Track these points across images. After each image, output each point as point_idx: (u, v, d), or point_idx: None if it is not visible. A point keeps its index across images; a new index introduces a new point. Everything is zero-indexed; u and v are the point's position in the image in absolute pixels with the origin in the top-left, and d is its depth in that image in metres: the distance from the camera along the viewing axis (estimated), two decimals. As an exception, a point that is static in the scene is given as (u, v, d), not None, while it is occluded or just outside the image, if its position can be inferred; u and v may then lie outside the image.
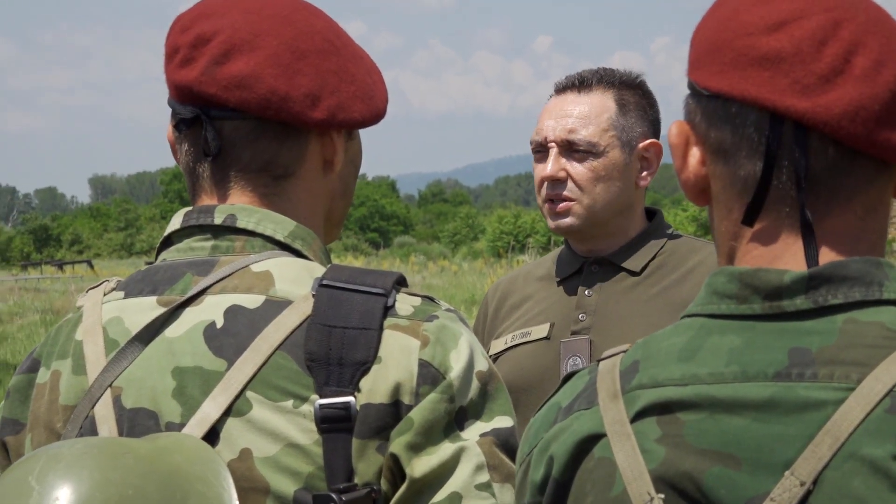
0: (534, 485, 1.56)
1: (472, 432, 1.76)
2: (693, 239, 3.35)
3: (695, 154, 1.54)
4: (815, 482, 1.38)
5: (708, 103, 1.51)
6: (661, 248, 3.25)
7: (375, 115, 1.93)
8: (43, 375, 1.90)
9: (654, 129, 3.28)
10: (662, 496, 1.44)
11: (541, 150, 3.25)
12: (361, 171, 2.09)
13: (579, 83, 3.25)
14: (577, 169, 3.18)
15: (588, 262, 3.27)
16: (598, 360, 1.58)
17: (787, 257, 1.49)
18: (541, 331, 3.24)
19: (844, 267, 1.46)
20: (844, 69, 1.45)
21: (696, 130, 1.54)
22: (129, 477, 1.63)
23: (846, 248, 1.49)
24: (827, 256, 1.48)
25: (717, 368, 1.46)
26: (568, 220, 3.20)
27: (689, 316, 1.54)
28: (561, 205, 3.20)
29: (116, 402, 1.81)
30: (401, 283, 1.82)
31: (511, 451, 1.75)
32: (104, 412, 1.80)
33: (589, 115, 3.20)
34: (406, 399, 1.74)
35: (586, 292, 3.24)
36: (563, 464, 1.53)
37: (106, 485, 1.62)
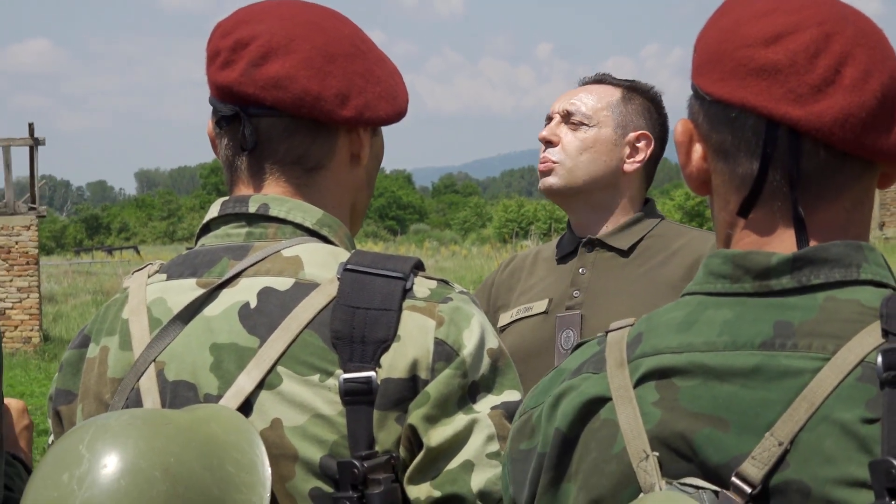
0: (545, 436, 1.55)
1: (484, 405, 1.76)
2: (679, 225, 3.37)
3: (697, 150, 1.55)
4: (791, 442, 1.39)
5: (710, 107, 1.52)
6: (650, 231, 3.26)
7: (398, 114, 1.93)
8: (93, 350, 1.90)
9: (655, 132, 3.29)
10: (657, 454, 1.45)
11: (548, 121, 3.31)
12: (382, 164, 2.09)
13: (595, 79, 3.34)
14: (569, 136, 3.22)
15: (583, 242, 3.27)
16: (607, 332, 1.59)
17: (776, 244, 1.49)
18: (540, 306, 3.25)
19: (826, 250, 1.47)
20: (835, 80, 1.45)
21: (699, 129, 1.54)
22: (171, 446, 1.63)
23: (834, 237, 1.49)
24: (811, 237, 1.49)
25: (710, 338, 1.47)
26: (550, 179, 3.23)
27: (688, 294, 1.55)
28: (545, 164, 3.24)
29: (160, 375, 1.80)
30: (418, 267, 1.81)
31: None
32: (148, 385, 1.80)
33: (592, 95, 3.26)
34: (423, 374, 1.74)
35: (580, 270, 3.24)
36: (570, 421, 1.53)
37: (149, 453, 1.61)
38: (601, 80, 3.32)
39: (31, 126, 25.00)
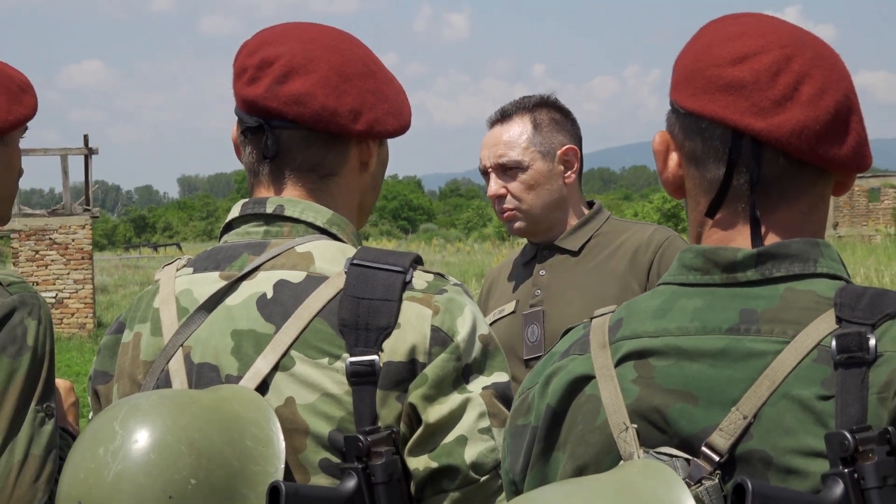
0: (537, 411, 1.55)
1: (476, 385, 1.74)
2: (622, 221, 3.40)
3: (673, 158, 1.55)
4: (755, 416, 1.39)
5: (684, 119, 1.52)
6: (597, 231, 3.29)
7: (403, 128, 1.92)
8: (127, 336, 1.88)
9: (572, 135, 3.31)
10: (636, 426, 1.45)
11: (485, 174, 3.31)
12: (394, 171, 2.09)
13: (501, 116, 3.31)
14: (512, 185, 3.24)
15: (540, 248, 3.32)
16: (591, 318, 1.58)
17: (739, 240, 1.49)
18: (510, 307, 3.30)
19: (787, 247, 1.47)
20: (793, 96, 1.46)
21: (674, 139, 1.54)
22: (195, 422, 1.62)
23: (792, 235, 1.49)
24: (772, 235, 1.50)
25: (683, 324, 1.47)
26: (516, 225, 3.27)
27: (663, 284, 1.55)
28: (506, 214, 3.27)
29: (187, 358, 1.79)
30: (417, 262, 1.80)
31: (507, 401, 1.73)
32: (177, 367, 1.78)
33: (510, 140, 3.24)
34: (421, 358, 1.72)
35: (540, 272, 3.29)
36: (559, 397, 1.53)
37: (176, 429, 1.61)
38: (507, 115, 3.29)
39: (85, 137, 25.04)
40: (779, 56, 1.47)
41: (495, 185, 3.25)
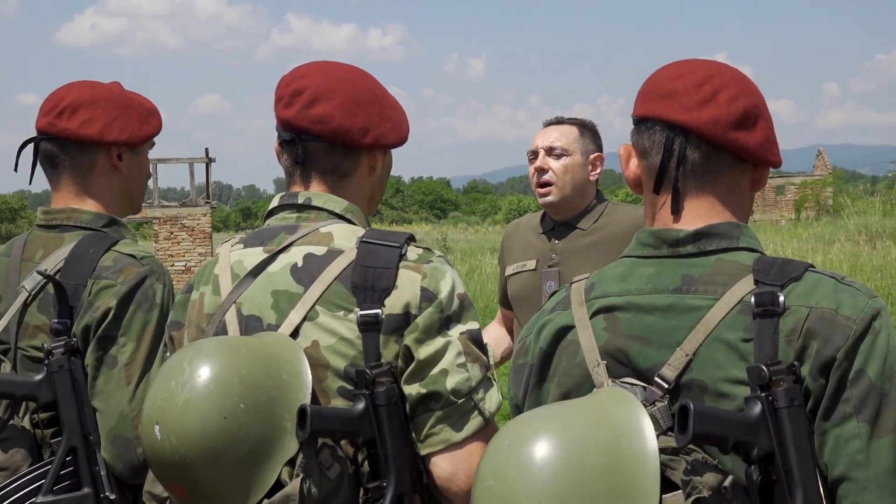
0: (533, 353, 1.54)
1: (455, 331, 1.69)
2: (618, 204, 3.33)
3: (633, 162, 1.53)
4: (694, 354, 1.38)
5: (637, 125, 1.51)
6: (601, 214, 3.24)
7: (402, 141, 1.89)
8: (194, 295, 1.85)
9: (600, 148, 3.29)
10: (605, 362, 1.44)
11: (534, 155, 3.22)
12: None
13: (557, 121, 3.28)
14: (555, 164, 3.17)
15: (558, 224, 3.25)
16: (571, 283, 1.57)
17: (669, 220, 1.48)
18: (531, 264, 3.23)
19: (717, 227, 1.45)
20: (713, 99, 1.45)
21: (634, 146, 1.52)
22: (244, 361, 1.60)
23: (716, 212, 1.47)
24: (705, 218, 1.47)
25: (640, 286, 1.46)
26: (549, 198, 3.18)
27: (625, 256, 1.53)
28: (544, 187, 3.18)
29: (238, 311, 1.76)
30: (411, 239, 1.76)
31: (478, 343, 1.69)
32: (231, 318, 1.75)
33: (562, 134, 3.20)
34: (413, 311, 1.68)
35: (556, 241, 3.23)
36: (549, 342, 1.52)
37: (229, 367, 1.58)
38: (560, 121, 3.28)
39: (206, 150, 25.15)
40: (704, 74, 1.47)
41: (542, 161, 3.18)
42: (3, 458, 1.94)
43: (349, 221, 1.83)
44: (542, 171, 3.18)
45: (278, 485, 1.60)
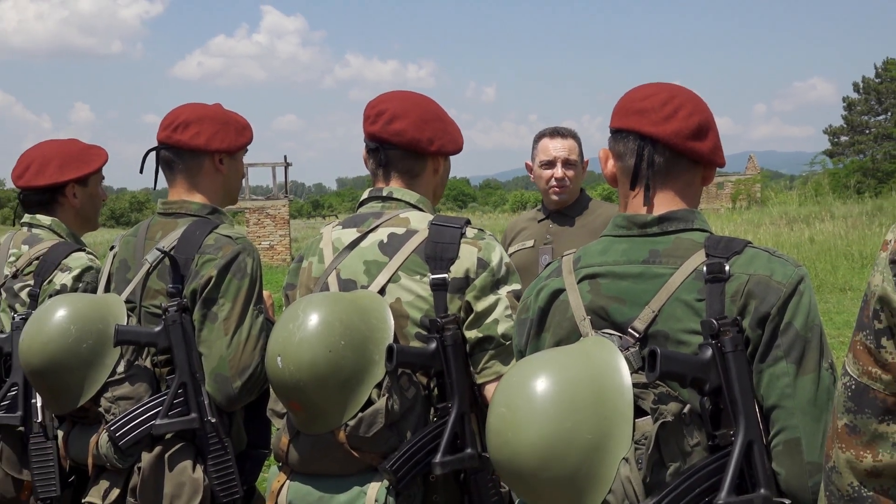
0: (533, 310, 1.51)
1: (503, 290, 1.72)
2: (598, 201, 3.27)
3: (611, 163, 1.49)
4: (659, 311, 1.35)
5: (614, 135, 1.47)
6: (585, 206, 3.20)
7: (458, 150, 1.91)
8: (304, 263, 1.86)
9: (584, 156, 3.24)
10: (590, 317, 1.41)
11: (550, 164, 3.11)
12: (453, 174, 2.05)
13: (563, 135, 3.14)
14: (570, 173, 3.11)
15: (553, 212, 3.21)
16: (561, 257, 1.54)
17: (641, 207, 1.45)
18: (530, 243, 3.17)
19: (676, 213, 1.43)
20: (674, 116, 1.42)
21: (612, 151, 1.49)
22: (344, 309, 1.62)
23: (676, 202, 1.44)
24: (667, 206, 1.44)
25: (616, 258, 1.43)
26: (563, 197, 3.11)
27: (604, 236, 1.50)
28: (561, 189, 3.10)
29: (338, 276, 1.76)
30: (468, 223, 1.78)
31: (519, 299, 1.69)
32: (332, 280, 1.76)
33: (573, 148, 3.12)
34: (472, 275, 1.70)
35: (550, 225, 3.19)
36: (545, 302, 1.49)
37: (333, 313, 1.60)
38: (566, 135, 3.17)
39: (285, 157, 25.26)
40: (666, 95, 1.44)
41: (562, 171, 3.09)
42: (130, 390, 1.95)
43: (420, 209, 1.84)
44: (562, 179, 3.11)
45: (369, 402, 1.63)
